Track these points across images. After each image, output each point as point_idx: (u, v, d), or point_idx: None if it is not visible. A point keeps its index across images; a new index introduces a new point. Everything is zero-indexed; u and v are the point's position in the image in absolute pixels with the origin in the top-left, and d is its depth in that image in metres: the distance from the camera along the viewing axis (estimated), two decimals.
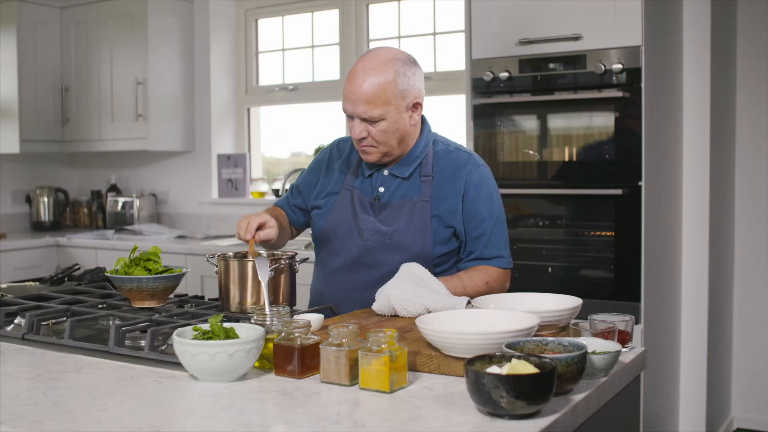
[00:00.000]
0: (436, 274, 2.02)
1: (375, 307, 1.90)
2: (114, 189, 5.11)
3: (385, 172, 2.13)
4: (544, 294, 1.83)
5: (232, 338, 1.45)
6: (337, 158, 2.23)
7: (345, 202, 2.14)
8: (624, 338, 1.63)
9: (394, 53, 2.03)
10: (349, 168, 2.19)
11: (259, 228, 2.02)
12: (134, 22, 4.63)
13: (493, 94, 3.18)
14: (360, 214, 2.11)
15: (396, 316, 1.88)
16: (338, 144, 2.27)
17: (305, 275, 2.31)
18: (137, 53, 4.63)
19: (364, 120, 2.00)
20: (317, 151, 4.35)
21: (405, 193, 2.10)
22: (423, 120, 2.15)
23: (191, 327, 1.50)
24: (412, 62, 2.05)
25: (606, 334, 1.55)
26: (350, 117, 2.03)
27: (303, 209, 2.29)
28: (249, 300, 1.91)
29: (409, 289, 1.86)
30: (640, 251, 2.94)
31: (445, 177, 2.10)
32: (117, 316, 1.83)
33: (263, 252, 2.03)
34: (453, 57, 4.20)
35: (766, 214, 3.81)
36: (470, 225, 2.10)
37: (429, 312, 1.81)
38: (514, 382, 1.19)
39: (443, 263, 2.10)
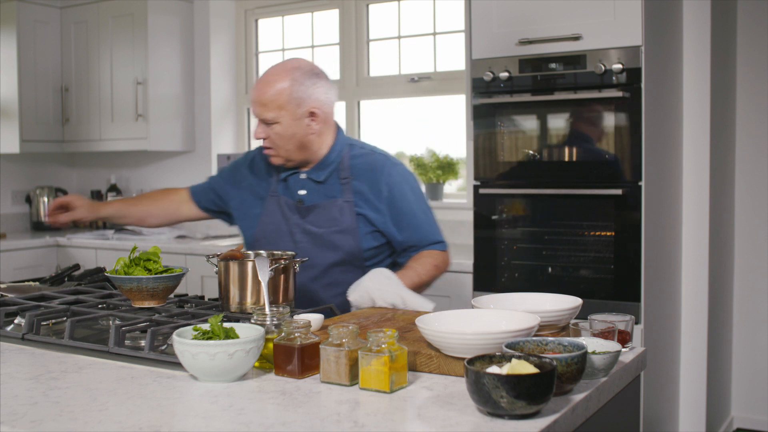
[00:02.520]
0: (367, 269, 2.17)
1: (352, 299, 2.02)
2: (114, 189, 5.11)
3: (302, 176, 2.26)
4: (544, 294, 1.83)
5: (232, 338, 1.45)
6: (260, 164, 2.36)
7: (272, 208, 2.28)
8: (624, 338, 1.63)
9: (298, 63, 2.20)
10: (271, 174, 2.33)
11: (61, 208, 2.32)
12: (134, 22, 4.63)
13: (493, 94, 3.18)
14: (289, 217, 2.25)
15: (375, 308, 1.91)
16: (255, 154, 2.40)
17: None
18: (137, 53, 4.63)
19: (262, 121, 2.17)
20: None
21: (326, 195, 2.24)
22: (337, 127, 2.30)
23: (191, 327, 1.50)
24: (315, 74, 2.19)
25: (606, 334, 1.55)
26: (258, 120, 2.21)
27: (216, 198, 2.46)
28: (249, 300, 1.91)
29: (384, 281, 2.03)
30: (640, 251, 2.94)
31: (364, 179, 2.24)
32: (117, 316, 1.83)
33: (263, 252, 2.04)
34: (453, 57, 4.20)
35: (766, 214, 3.81)
36: (403, 222, 2.24)
37: (404, 300, 1.99)
38: (514, 382, 1.19)
39: (374, 257, 2.25)
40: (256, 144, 4.96)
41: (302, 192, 2.26)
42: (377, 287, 2.00)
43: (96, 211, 2.46)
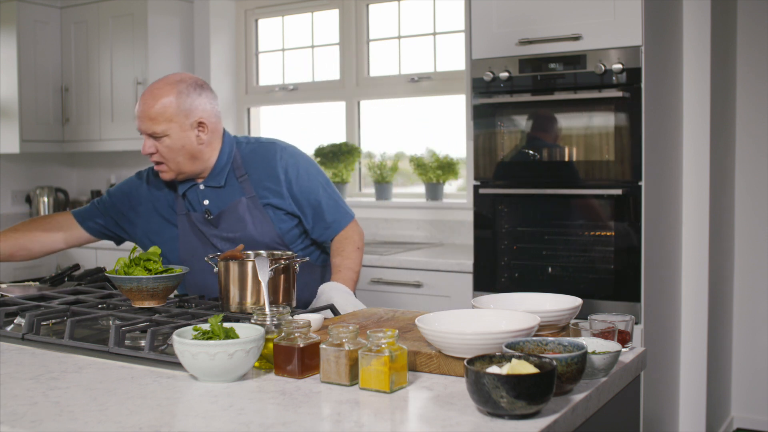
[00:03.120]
0: (318, 262, 2.32)
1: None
2: None
3: (201, 187, 2.27)
4: (544, 294, 1.83)
5: (232, 338, 1.45)
6: (155, 183, 2.34)
7: (185, 227, 2.28)
8: (624, 338, 1.63)
9: (181, 77, 2.21)
10: (171, 192, 2.31)
11: None
12: (134, 22, 4.63)
13: (493, 94, 3.18)
14: (204, 231, 2.25)
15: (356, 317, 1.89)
16: (151, 171, 2.37)
17: None
18: (137, 53, 4.63)
19: (150, 136, 2.17)
20: (318, 151, 4.35)
21: (229, 197, 2.25)
22: (224, 133, 2.28)
23: (191, 327, 1.50)
24: (199, 86, 2.21)
25: (606, 334, 1.55)
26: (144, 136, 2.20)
27: (109, 223, 2.42)
28: (249, 300, 1.91)
29: (344, 296, 2.12)
30: (640, 251, 2.94)
31: (260, 171, 2.26)
32: (117, 316, 1.83)
33: (263, 252, 2.04)
34: (453, 57, 4.20)
35: (766, 214, 3.81)
36: (307, 201, 2.28)
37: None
38: (514, 382, 1.19)
39: (296, 239, 2.29)
40: None
41: (206, 202, 2.26)
42: (341, 302, 2.07)
43: None
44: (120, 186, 2.43)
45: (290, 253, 2.03)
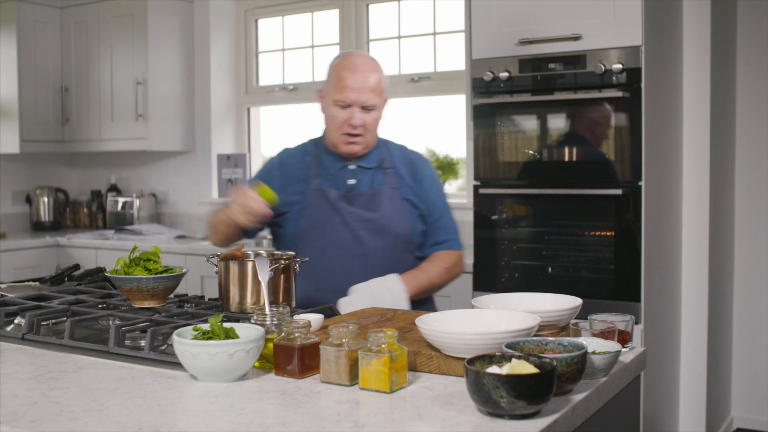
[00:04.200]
0: (418, 258, 2.33)
1: (347, 300, 2.13)
2: (114, 189, 5.12)
3: (352, 166, 2.34)
4: (544, 294, 1.83)
5: (232, 338, 1.45)
6: (289, 167, 2.39)
7: (317, 201, 2.31)
8: (624, 338, 1.63)
9: (369, 55, 2.39)
10: (306, 173, 2.36)
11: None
12: (134, 22, 4.63)
13: (493, 94, 3.18)
14: (340, 207, 2.29)
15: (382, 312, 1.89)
16: (283, 156, 2.44)
17: None
18: (137, 53, 4.63)
19: (363, 108, 2.27)
20: None
21: (375, 182, 2.33)
22: None
23: (191, 327, 1.50)
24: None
25: (606, 334, 1.55)
26: (345, 107, 2.27)
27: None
28: (249, 300, 1.91)
29: (386, 292, 2.18)
30: (640, 251, 2.94)
31: (405, 169, 2.38)
32: (117, 316, 1.83)
33: (263, 252, 2.04)
34: (453, 57, 4.20)
35: (766, 214, 3.81)
36: (432, 215, 2.37)
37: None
38: (514, 382, 1.19)
39: (421, 242, 2.35)
40: (261, 145, 4.96)
41: (351, 181, 2.33)
42: (376, 295, 2.13)
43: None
44: (257, 174, 2.45)
45: (290, 253, 2.03)
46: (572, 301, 1.73)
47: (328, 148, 2.39)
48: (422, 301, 2.34)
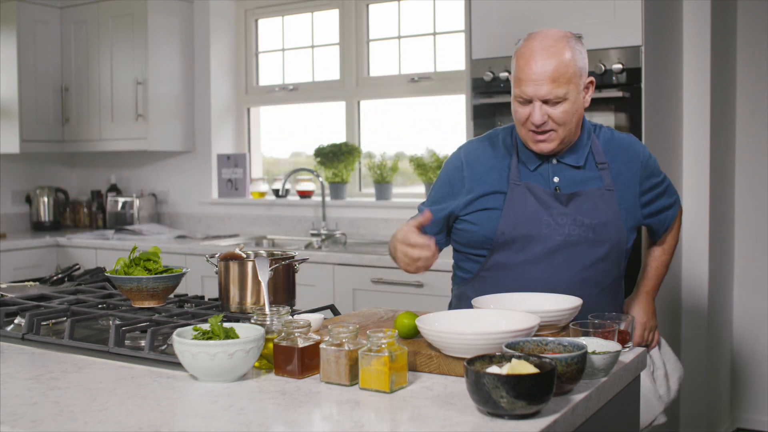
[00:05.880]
0: (622, 273, 2.05)
1: None
2: (114, 189, 5.12)
3: (554, 162, 1.98)
4: (544, 294, 1.83)
5: (232, 338, 1.45)
6: (477, 162, 2.05)
7: (521, 198, 1.96)
8: (624, 338, 1.63)
9: (563, 32, 1.93)
10: (502, 167, 2.01)
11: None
12: (134, 22, 4.63)
13: (493, 94, 3.18)
14: (551, 207, 1.94)
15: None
16: (465, 153, 2.08)
17: (305, 275, 2.31)
18: (137, 53, 4.63)
19: (545, 102, 1.88)
20: (318, 151, 4.35)
21: (585, 182, 1.97)
22: None
23: (191, 327, 1.50)
24: (579, 39, 1.95)
25: (606, 334, 1.55)
26: (526, 102, 1.90)
27: (442, 226, 2.07)
28: (249, 300, 1.91)
29: None
30: (640, 251, 2.94)
31: (619, 162, 2.01)
32: (117, 316, 1.83)
33: (263, 252, 2.04)
34: (453, 57, 4.20)
35: (766, 214, 3.81)
36: (656, 192, 2.08)
37: None
38: (514, 382, 1.19)
39: (627, 254, 2.06)
40: (261, 145, 4.95)
41: (556, 179, 1.96)
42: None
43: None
44: (433, 188, 2.12)
45: (291, 253, 2.03)
46: (572, 301, 1.73)
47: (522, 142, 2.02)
48: None
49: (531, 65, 1.87)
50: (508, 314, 1.60)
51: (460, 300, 2.07)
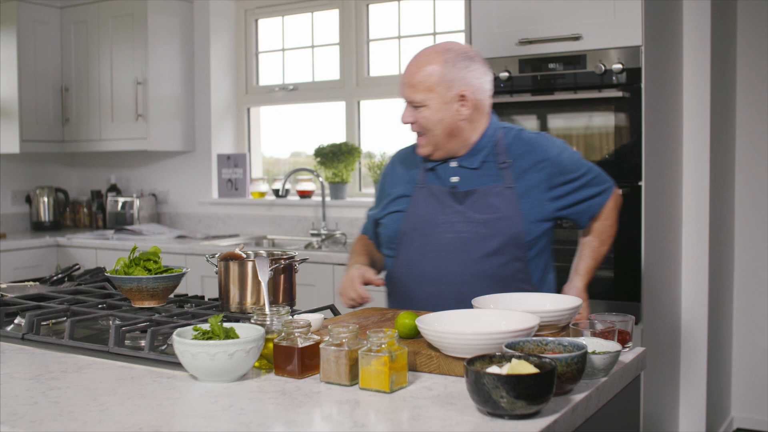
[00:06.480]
0: (529, 259, 2.09)
1: None
2: (114, 189, 5.12)
3: (453, 164, 2.12)
4: (544, 294, 1.83)
5: (232, 338, 1.45)
6: (399, 165, 2.24)
7: (422, 198, 2.13)
8: (624, 338, 1.63)
9: (451, 46, 2.09)
10: (415, 168, 2.18)
11: (366, 284, 2.05)
12: (134, 22, 4.63)
13: (493, 94, 3.17)
14: (447, 205, 2.09)
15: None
16: (392, 159, 2.30)
17: (305, 275, 2.31)
18: (137, 53, 4.63)
19: (410, 104, 2.07)
20: (318, 151, 4.36)
21: (483, 180, 2.09)
22: (491, 115, 2.18)
23: (191, 327, 1.50)
24: (468, 57, 2.08)
25: (606, 334, 1.55)
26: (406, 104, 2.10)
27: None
28: (249, 300, 1.91)
29: None
30: (640, 251, 2.94)
31: (524, 161, 2.10)
32: (117, 316, 1.83)
33: (263, 252, 2.04)
34: None
35: (766, 214, 3.81)
36: (572, 186, 2.12)
37: None
38: (514, 382, 1.19)
39: (533, 247, 2.10)
40: (261, 145, 4.95)
41: (454, 179, 2.11)
42: None
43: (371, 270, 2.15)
44: (379, 180, 2.33)
45: (291, 253, 2.03)
46: (572, 301, 1.73)
47: None
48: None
49: (405, 71, 2.09)
50: (508, 314, 1.60)
51: (388, 295, 2.23)
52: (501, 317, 1.59)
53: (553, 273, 2.23)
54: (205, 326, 1.49)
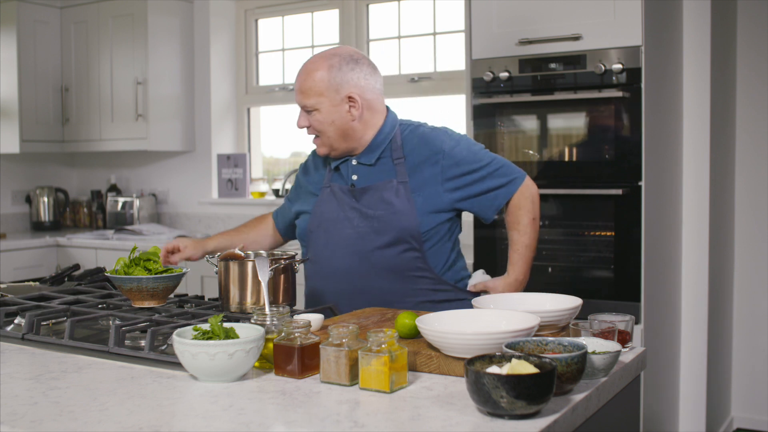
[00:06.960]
0: (428, 249, 2.14)
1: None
2: (114, 189, 5.12)
3: (353, 162, 2.22)
4: (544, 294, 1.83)
5: (232, 338, 1.45)
6: (312, 166, 2.37)
7: (327, 197, 2.24)
8: (624, 338, 1.63)
9: (337, 51, 2.19)
10: (324, 168, 2.31)
11: (172, 252, 2.23)
12: (134, 22, 4.63)
13: (493, 94, 3.18)
14: (345, 202, 2.19)
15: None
16: (308, 159, 2.42)
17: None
18: (137, 53, 4.63)
19: (303, 109, 2.17)
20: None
21: (379, 177, 2.18)
22: (388, 111, 2.28)
23: (191, 327, 1.50)
24: (354, 60, 2.18)
25: (606, 334, 1.55)
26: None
27: (292, 218, 2.40)
28: (249, 300, 1.91)
29: None
30: (640, 251, 2.94)
31: (418, 155, 2.17)
32: (117, 316, 1.83)
33: (263, 252, 2.04)
34: (453, 57, 4.20)
35: (766, 215, 3.81)
36: (470, 177, 2.14)
37: None
38: (514, 382, 1.19)
39: (431, 238, 2.15)
40: (261, 145, 4.96)
41: (354, 177, 2.20)
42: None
43: (203, 246, 2.31)
44: (291, 192, 2.44)
45: (291, 253, 2.03)
46: (572, 301, 1.73)
47: None
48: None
49: (296, 78, 2.19)
50: (508, 314, 1.60)
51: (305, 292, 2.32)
52: (501, 317, 1.59)
53: (464, 260, 2.29)
54: (205, 326, 1.49)
